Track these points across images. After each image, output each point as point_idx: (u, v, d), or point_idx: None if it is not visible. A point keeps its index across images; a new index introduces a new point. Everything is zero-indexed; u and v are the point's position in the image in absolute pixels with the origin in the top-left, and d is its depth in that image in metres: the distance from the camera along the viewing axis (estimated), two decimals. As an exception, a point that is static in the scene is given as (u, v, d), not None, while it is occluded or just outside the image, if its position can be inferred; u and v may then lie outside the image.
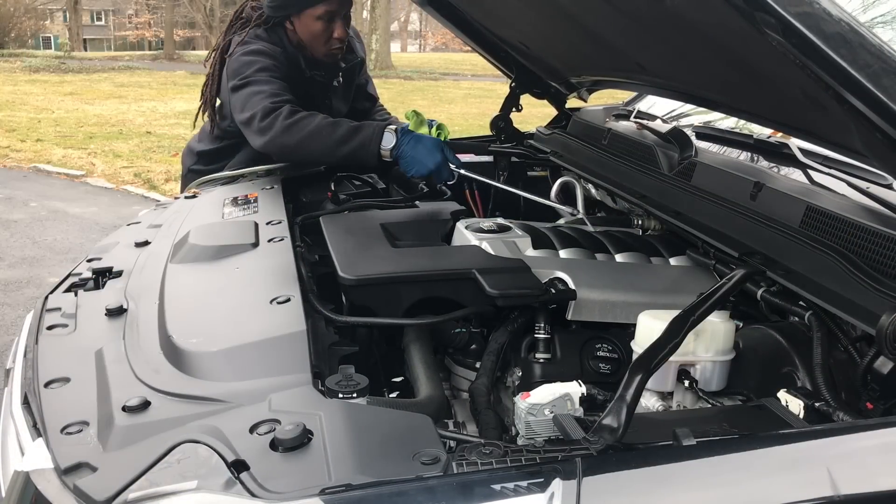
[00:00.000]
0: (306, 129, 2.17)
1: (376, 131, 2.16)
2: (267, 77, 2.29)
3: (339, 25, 2.37)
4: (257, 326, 1.24)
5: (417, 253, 1.64)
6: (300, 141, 2.17)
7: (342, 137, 2.16)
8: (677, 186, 1.80)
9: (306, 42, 2.39)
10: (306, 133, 2.17)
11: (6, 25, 30.00)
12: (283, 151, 2.25)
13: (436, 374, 1.35)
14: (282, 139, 2.19)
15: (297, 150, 2.21)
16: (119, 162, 8.36)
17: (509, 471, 0.87)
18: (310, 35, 2.37)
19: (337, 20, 2.37)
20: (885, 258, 1.21)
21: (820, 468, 0.91)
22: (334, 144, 2.16)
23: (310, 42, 2.39)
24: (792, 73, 1.07)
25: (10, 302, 4.33)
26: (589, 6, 1.68)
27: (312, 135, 2.17)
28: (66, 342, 1.32)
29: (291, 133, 2.18)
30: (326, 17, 2.34)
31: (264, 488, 0.84)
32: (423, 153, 2.13)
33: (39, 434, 1.04)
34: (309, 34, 2.37)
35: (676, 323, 1.14)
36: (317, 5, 2.32)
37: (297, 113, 2.20)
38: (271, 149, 2.23)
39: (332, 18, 2.36)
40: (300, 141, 2.17)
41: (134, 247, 1.77)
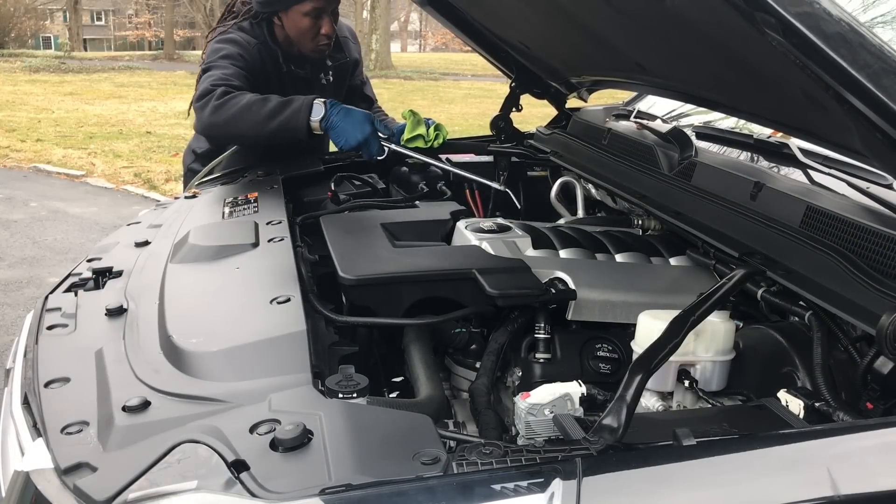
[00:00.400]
0: (235, 106, 2.17)
1: (305, 103, 2.16)
2: (226, 63, 2.30)
3: (326, 22, 2.38)
4: (257, 326, 1.24)
5: (417, 253, 1.64)
6: (229, 119, 2.17)
7: (271, 112, 2.15)
8: (677, 186, 1.80)
9: (294, 38, 2.40)
10: (235, 110, 2.16)
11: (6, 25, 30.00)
12: (214, 132, 2.25)
13: (436, 374, 1.35)
14: (211, 118, 2.19)
15: (227, 129, 2.21)
16: (119, 162, 8.36)
17: (509, 471, 0.87)
18: (297, 31, 2.38)
19: (324, 16, 2.37)
20: (885, 258, 1.21)
21: (820, 468, 0.91)
22: (263, 119, 2.15)
23: (297, 38, 2.40)
24: (792, 73, 1.07)
25: (10, 302, 4.33)
26: (589, 6, 1.68)
27: (241, 111, 2.16)
28: (66, 342, 1.32)
29: (221, 112, 2.17)
30: (314, 13, 2.35)
31: (264, 488, 0.84)
32: (353, 124, 2.13)
33: (39, 434, 1.04)
34: (296, 30, 2.38)
35: (676, 323, 1.14)
36: (304, 2, 2.33)
37: (229, 93, 2.19)
38: (203, 130, 2.24)
39: (320, 15, 2.36)
40: (229, 119, 2.17)
41: (134, 247, 1.77)
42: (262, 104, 2.17)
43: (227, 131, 2.23)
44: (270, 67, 2.41)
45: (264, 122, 2.16)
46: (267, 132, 2.19)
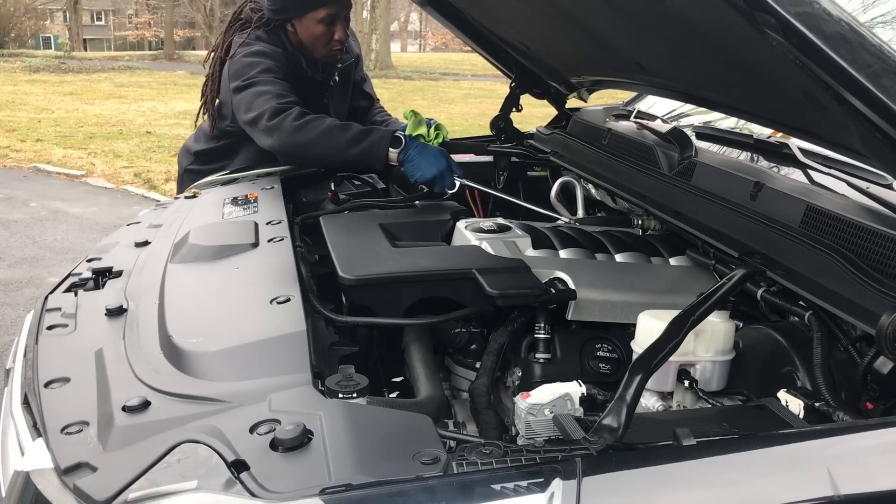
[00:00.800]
0: (316, 129, 2.19)
1: (386, 135, 2.19)
2: (271, 78, 2.31)
3: (339, 28, 2.40)
4: (257, 326, 1.24)
5: (417, 253, 1.64)
6: (310, 141, 2.19)
7: (352, 139, 2.18)
8: (677, 186, 1.80)
9: (307, 44, 2.42)
10: (316, 133, 2.19)
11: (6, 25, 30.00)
12: (291, 151, 2.26)
13: (436, 374, 1.35)
14: (292, 139, 2.21)
15: (306, 151, 2.23)
16: (119, 162, 8.36)
17: (509, 471, 0.87)
18: (311, 37, 2.40)
19: (338, 23, 2.39)
20: (885, 258, 1.21)
21: (820, 468, 0.91)
22: (344, 146, 2.18)
23: (311, 44, 2.41)
24: (792, 73, 1.07)
25: (10, 302, 4.33)
26: (589, 6, 1.68)
27: (323, 135, 2.19)
28: (66, 342, 1.32)
29: (301, 133, 2.20)
30: (328, 20, 2.36)
31: (264, 488, 0.84)
32: (430, 159, 2.16)
33: (39, 434, 1.04)
34: (310, 36, 2.40)
35: (676, 323, 1.14)
36: (318, 9, 2.34)
37: (307, 115, 2.22)
38: (280, 148, 2.25)
39: (333, 21, 2.38)
40: (310, 141, 2.19)
41: (134, 247, 1.77)
42: (343, 131, 2.20)
43: (305, 153, 2.25)
44: (296, 73, 2.42)
45: (344, 149, 2.19)
46: (345, 158, 2.22)
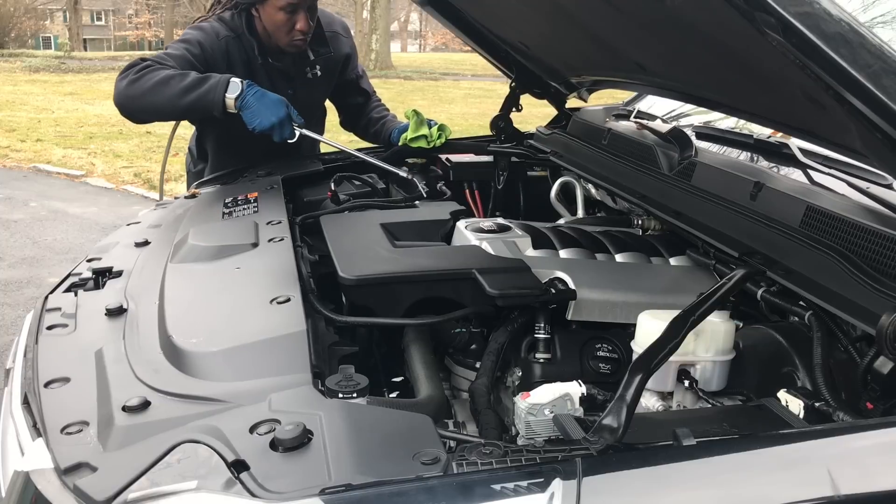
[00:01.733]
0: (152, 80, 2.18)
1: (222, 80, 2.18)
2: (180, 47, 2.33)
3: (301, 17, 2.38)
4: (257, 326, 1.24)
5: (417, 253, 1.64)
6: (144, 91, 2.18)
7: (188, 86, 2.17)
8: (677, 186, 1.80)
9: (270, 31, 2.42)
10: (151, 84, 2.17)
11: (6, 25, 30.00)
12: (127, 104, 2.24)
13: (436, 374, 1.35)
14: (127, 90, 2.20)
15: (141, 101, 2.21)
16: (119, 162, 8.36)
17: (509, 471, 0.87)
18: (273, 25, 2.40)
19: (300, 12, 2.38)
20: (885, 258, 1.21)
21: (820, 468, 0.91)
22: (179, 93, 2.17)
23: (273, 31, 2.42)
24: (792, 73, 1.07)
25: (10, 302, 4.33)
26: (589, 6, 1.68)
27: (157, 84, 2.17)
28: (66, 342, 1.32)
29: (137, 84, 2.18)
30: (289, 8, 2.36)
31: (264, 488, 0.84)
32: (268, 106, 2.16)
33: (39, 434, 1.04)
34: (272, 24, 2.40)
35: (676, 323, 1.14)
36: None
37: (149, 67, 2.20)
38: (117, 101, 2.24)
39: (295, 10, 2.37)
40: (144, 91, 2.18)
41: (134, 247, 1.77)
42: (180, 79, 2.18)
43: (142, 104, 2.23)
44: (239, 59, 2.42)
45: (180, 96, 2.17)
46: (182, 106, 2.20)
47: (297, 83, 2.54)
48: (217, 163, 2.61)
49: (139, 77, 2.18)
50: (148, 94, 2.18)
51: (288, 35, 2.41)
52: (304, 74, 2.56)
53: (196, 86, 2.17)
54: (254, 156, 2.49)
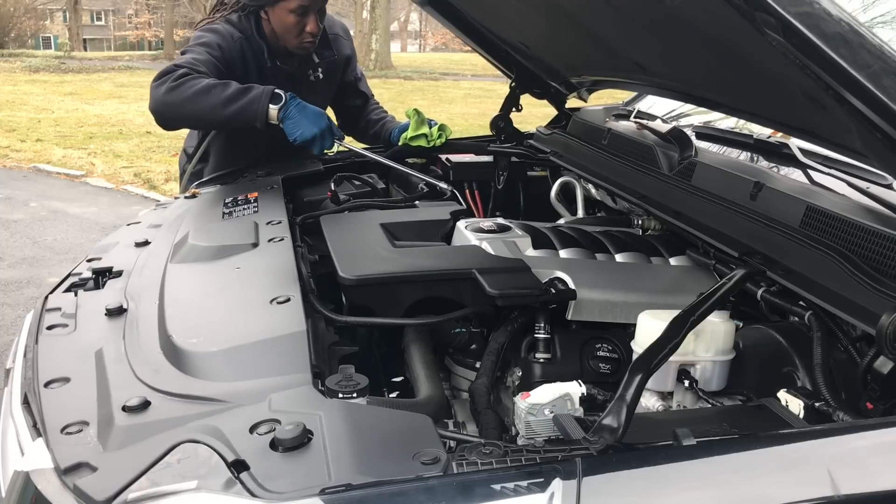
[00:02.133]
0: (193, 88, 2.17)
1: (266, 91, 2.18)
2: (201, 49, 2.31)
3: (312, 20, 2.38)
4: (257, 326, 1.24)
5: (417, 253, 1.64)
6: (186, 99, 2.17)
7: (230, 96, 2.16)
8: (677, 186, 1.80)
9: (279, 33, 2.41)
10: (193, 92, 2.16)
11: (6, 25, 30.00)
12: (166, 112, 2.22)
13: (436, 374, 1.35)
14: (166, 97, 2.18)
15: (181, 109, 2.20)
16: (119, 162, 8.36)
17: (509, 471, 0.87)
18: (283, 27, 2.39)
19: (310, 14, 2.37)
20: (885, 258, 1.21)
21: (820, 468, 0.91)
22: (222, 103, 2.16)
23: (282, 34, 2.41)
24: (792, 73, 1.07)
25: (10, 302, 4.33)
26: (589, 6, 1.68)
27: (199, 93, 2.16)
28: (66, 342, 1.32)
29: (177, 91, 2.17)
30: (299, 10, 2.35)
31: (264, 488, 0.84)
32: (311, 118, 2.17)
33: (39, 434, 1.04)
34: (282, 26, 2.39)
35: (676, 323, 1.14)
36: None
37: (189, 75, 2.19)
38: (155, 108, 2.22)
39: (306, 13, 2.36)
40: (186, 99, 2.17)
41: (134, 247, 1.77)
42: (223, 89, 2.18)
43: (181, 112, 2.21)
44: (252, 61, 2.41)
45: (222, 106, 2.16)
46: (223, 116, 2.19)
47: (301, 86, 2.54)
48: (218, 163, 2.60)
49: (178, 85, 2.17)
50: (188, 103, 2.17)
51: (298, 38, 2.40)
52: (307, 77, 2.56)
53: (239, 96, 2.16)
54: (257, 157, 2.49)
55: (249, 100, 2.16)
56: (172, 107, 2.20)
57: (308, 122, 2.16)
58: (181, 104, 2.19)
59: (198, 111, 2.20)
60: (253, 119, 2.18)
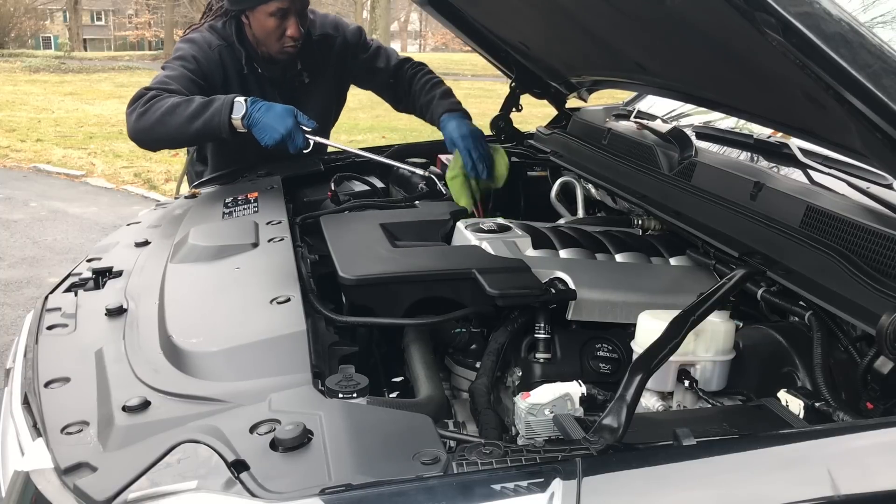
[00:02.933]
0: (159, 111, 2.15)
1: (226, 102, 2.14)
2: (176, 65, 2.30)
3: (292, 23, 2.35)
4: (257, 326, 1.24)
5: (417, 253, 1.64)
6: (154, 123, 2.16)
7: (193, 113, 2.14)
8: (677, 186, 1.80)
9: (260, 38, 2.38)
10: (159, 114, 2.15)
11: (6, 25, 30.00)
12: (141, 136, 2.22)
13: (436, 374, 1.35)
14: (137, 124, 2.18)
15: (153, 133, 2.19)
16: (119, 162, 8.36)
17: (509, 471, 0.87)
18: (263, 31, 2.36)
19: (290, 17, 2.34)
20: (885, 258, 1.21)
21: (820, 468, 0.91)
22: (186, 121, 2.14)
23: (263, 38, 2.38)
24: (792, 73, 1.07)
25: (10, 302, 4.33)
26: (589, 6, 1.68)
27: (164, 115, 2.15)
28: (66, 342, 1.32)
29: (145, 117, 2.16)
30: (279, 13, 2.32)
31: (264, 488, 0.84)
32: (274, 119, 2.11)
33: (39, 434, 1.04)
34: (262, 31, 2.36)
35: (676, 323, 1.14)
36: (269, 2, 2.30)
37: (157, 96, 2.18)
38: (132, 136, 2.22)
39: (285, 15, 2.33)
40: (154, 123, 2.16)
41: (134, 247, 1.77)
42: (186, 106, 2.15)
43: (153, 136, 2.21)
44: (232, 69, 2.39)
45: (187, 124, 2.14)
46: (191, 133, 2.17)
47: (290, 91, 2.52)
48: (216, 167, 2.59)
49: (146, 110, 2.16)
50: (157, 126, 2.16)
51: (279, 42, 2.37)
52: (299, 80, 2.54)
53: (201, 111, 2.14)
54: (252, 159, 2.49)
55: (211, 114, 2.13)
56: (145, 132, 2.20)
57: (273, 123, 2.11)
58: (151, 128, 2.17)
59: (168, 132, 2.18)
60: (217, 132, 2.15)
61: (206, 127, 2.14)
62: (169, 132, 2.17)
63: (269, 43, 2.38)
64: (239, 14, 2.38)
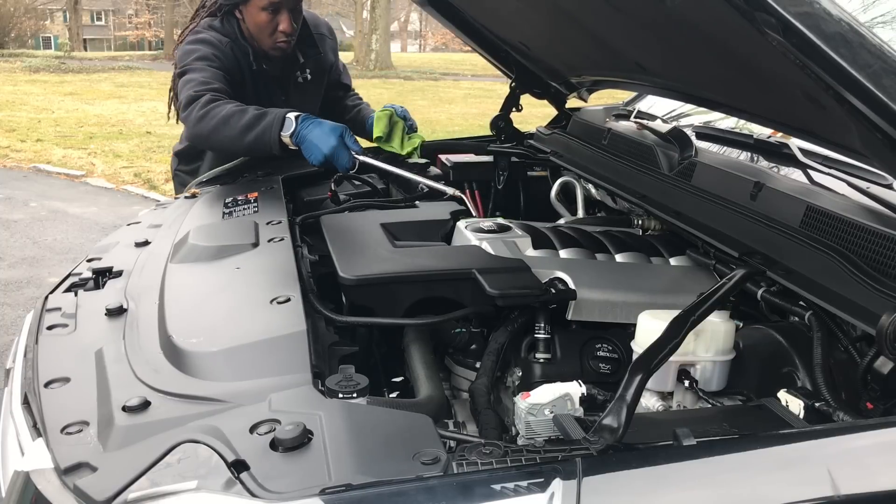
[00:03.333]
0: (216, 117, 2.17)
1: (277, 117, 2.14)
2: (203, 65, 2.29)
3: (285, 18, 2.36)
4: (257, 326, 1.24)
5: (417, 253, 1.64)
6: (212, 129, 2.18)
7: (246, 125, 2.15)
8: (677, 186, 1.80)
9: (254, 33, 2.39)
10: (217, 121, 2.17)
11: (6, 25, 30.00)
12: (200, 140, 2.26)
13: (436, 374, 1.35)
14: (197, 128, 2.20)
15: (211, 139, 2.21)
16: (119, 162, 8.36)
17: (509, 471, 0.87)
18: (256, 26, 2.37)
19: (283, 12, 2.35)
20: (885, 258, 1.21)
21: (820, 468, 0.91)
22: (239, 133, 2.15)
23: (256, 33, 2.39)
24: (792, 73, 1.07)
25: (10, 302, 4.33)
26: (589, 6, 1.68)
27: (221, 123, 2.16)
28: (66, 342, 1.32)
29: (205, 121, 2.18)
30: (271, 8, 2.33)
31: (264, 488, 0.84)
32: (320, 137, 2.11)
33: (39, 434, 1.04)
34: (255, 25, 2.37)
35: (676, 323, 1.14)
36: None
37: (214, 101, 2.19)
38: (191, 139, 2.28)
39: (278, 10, 2.34)
40: (212, 129, 2.18)
41: (134, 247, 1.77)
42: (240, 117, 2.15)
43: (211, 143, 2.24)
44: (245, 65, 2.40)
45: (241, 136, 2.15)
46: (244, 146, 2.19)
47: (289, 89, 2.52)
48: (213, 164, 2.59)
49: (205, 114, 2.18)
50: (213, 135, 2.19)
51: (271, 37, 2.38)
52: (296, 79, 2.54)
53: (253, 125, 2.14)
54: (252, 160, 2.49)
55: (262, 128, 2.14)
56: (202, 138, 2.23)
57: (319, 143, 2.11)
58: (209, 136, 2.20)
59: (222, 142, 2.21)
60: (268, 148, 2.15)
61: (257, 141, 2.15)
62: (223, 142, 2.21)
63: (263, 38, 2.39)
64: (232, 9, 2.38)
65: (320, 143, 2.11)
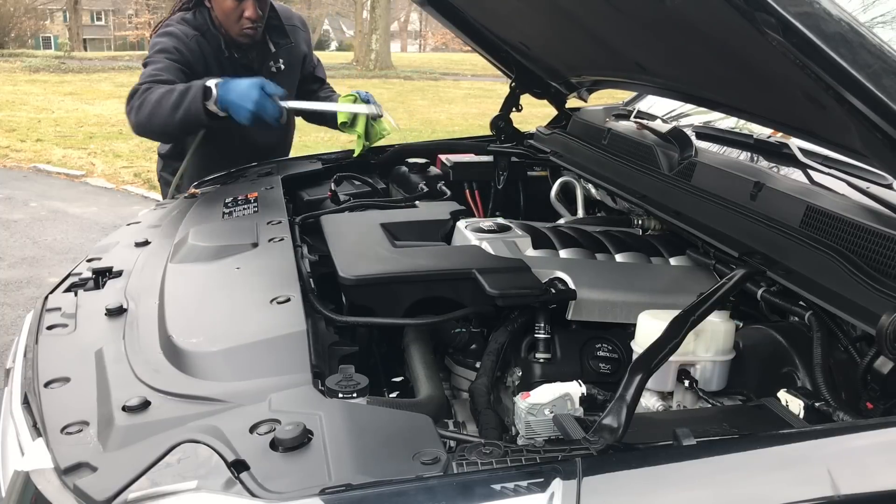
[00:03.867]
0: (150, 102, 2.18)
1: (198, 87, 2.15)
2: (160, 58, 2.32)
3: (249, 5, 2.39)
4: (257, 326, 1.24)
5: (417, 253, 1.64)
6: (148, 116, 2.18)
7: (175, 103, 2.15)
8: (677, 186, 1.80)
9: (221, 21, 2.43)
10: (150, 106, 2.18)
11: (6, 25, 29.99)
12: (142, 130, 2.26)
13: (436, 374, 1.35)
14: (137, 118, 2.21)
15: (150, 126, 2.22)
16: (119, 162, 8.36)
17: (509, 471, 0.87)
18: (223, 13, 2.41)
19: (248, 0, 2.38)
20: (885, 258, 1.21)
21: (820, 468, 0.91)
22: (170, 111, 2.16)
23: (224, 21, 2.42)
24: (792, 73, 1.07)
25: (10, 302, 4.33)
26: (589, 6, 1.68)
27: (156, 106, 2.17)
28: (66, 342, 1.32)
29: (142, 110, 2.19)
30: None
31: (264, 488, 0.84)
32: (241, 96, 2.13)
33: (39, 434, 1.04)
34: (222, 12, 2.41)
35: (676, 323, 1.14)
36: None
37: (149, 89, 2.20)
38: (135, 131, 2.26)
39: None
40: (148, 116, 2.18)
41: (134, 247, 1.77)
42: (168, 97, 2.16)
43: (151, 129, 2.24)
44: (211, 56, 2.42)
45: (171, 116, 2.16)
46: (176, 125, 2.19)
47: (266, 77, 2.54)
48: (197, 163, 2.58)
49: (141, 104, 2.19)
50: (150, 121, 2.19)
51: (237, 24, 2.41)
52: (269, 69, 2.56)
53: (180, 102, 2.15)
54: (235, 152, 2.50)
55: (188, 102, 2.15)
56: (143, 127, 2.23)
57: (241, 100, 2.12)
58: (147, 123, 2.21)
59: (160, 126, 2.21)
60: (198, 121, 2.17)
61: (187, 115, 2.15)
62: (160, 126, 2.21)
63: (229, 24, 2.42)
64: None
65: (243, 101, 2.12)
